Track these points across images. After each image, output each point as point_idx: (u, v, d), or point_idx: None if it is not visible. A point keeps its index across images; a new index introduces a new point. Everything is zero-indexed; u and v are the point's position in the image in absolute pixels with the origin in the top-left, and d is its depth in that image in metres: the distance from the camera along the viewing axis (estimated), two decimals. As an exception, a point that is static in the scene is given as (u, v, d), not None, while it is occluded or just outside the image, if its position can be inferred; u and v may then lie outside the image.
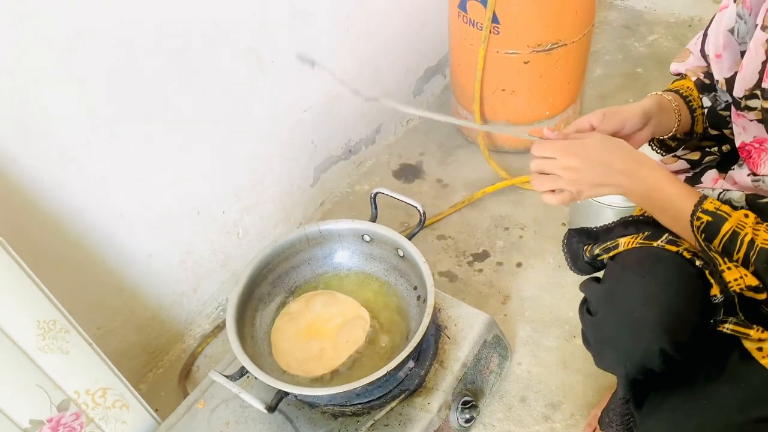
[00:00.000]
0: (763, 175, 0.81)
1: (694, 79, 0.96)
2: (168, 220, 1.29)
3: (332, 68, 1.55)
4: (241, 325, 1.15)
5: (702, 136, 0.99)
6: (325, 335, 1.19)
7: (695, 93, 0.95)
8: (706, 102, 0.95)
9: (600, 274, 0.93)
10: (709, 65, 0.92)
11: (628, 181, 0.78)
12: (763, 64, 0.76)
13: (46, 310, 0.98)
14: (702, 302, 0.78)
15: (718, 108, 0.94)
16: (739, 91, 0.81)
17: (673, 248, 0.80)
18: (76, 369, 1.05)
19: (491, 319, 1.25)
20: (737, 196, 0.83)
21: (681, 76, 0.99)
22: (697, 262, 0.78)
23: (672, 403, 0.81)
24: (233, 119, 1.34)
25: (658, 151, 1.01)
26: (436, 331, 1.23)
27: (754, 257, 0.73)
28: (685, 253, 0.79)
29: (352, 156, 1.81)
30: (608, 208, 1.37)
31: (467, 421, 1.15)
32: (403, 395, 1.14)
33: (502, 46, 1.59)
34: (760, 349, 0.76)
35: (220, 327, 1.48)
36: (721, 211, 0.75)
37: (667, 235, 0.82)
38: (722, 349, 0.81)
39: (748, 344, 0.78)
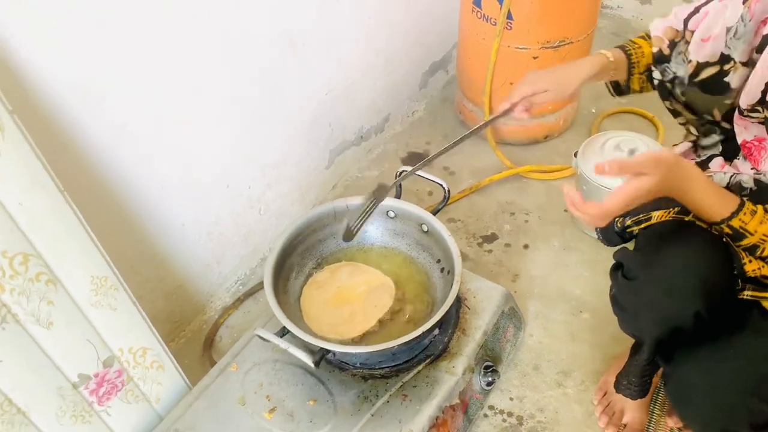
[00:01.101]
0: (764, 172, 0.89)
1: (655, 50, 1.03)
2: (202, 191, 1.33)
3: (353, 61, 1.63)
4: (276, 292, 1.20)
5: (640, 92, 1.11)
6: (353, 301, 1.25)
7: (644, 60, 1.04)
8: (657, 74, 1.04)
9: (629, 245, 1.02)
10: (681, 33, 0.99)
11: (675, 194, 0.85)
12: (767, 85, 0.84)
13: (100, 267, 1.01)
14: (729, 270, 0.88)
15: (666, 79, 1.02)
16: (743, 104, 0.89)
17: (703, 224, 0.90)
18: (122, 327, 1.08)
19: (507, 291, 1.33)
20: (746, 178, 0.92)
21: (646, 36, 1.06)
22: (724, 238, 0.88)
23: (701, 354, 0.90)
24: (265, 98, 1.39)
25: (611, 91, 1.13)
26: (457, 302, 1.30)
27: None
28: (713, 229, 0.89)
29: (363, 142, 1.87)
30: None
31: (489, 384, 1.23)
32: (429, 359, 1.21)
33: (514, 41, 1.68)
34: None
35: (241, 300, 1.53)
36: (744, 230, 0.82)
37: None
38: (741, 309, 0.91)
39: (766, 304, 0.88)
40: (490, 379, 1.22)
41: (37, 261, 0.92)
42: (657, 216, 0.93)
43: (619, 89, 1.12)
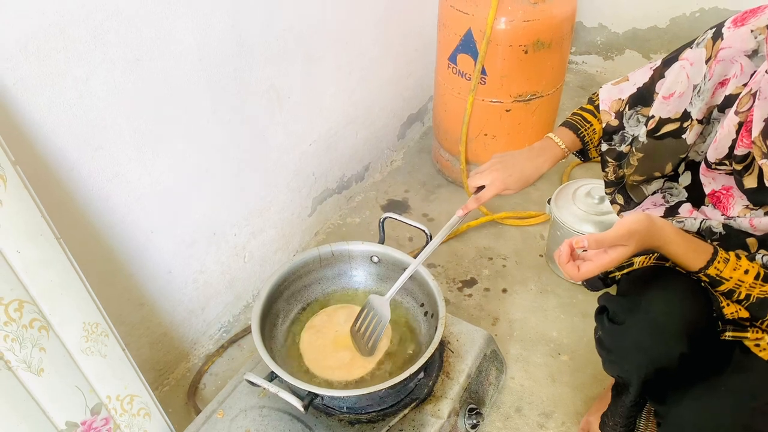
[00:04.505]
0: (734, 217, 0.95)
1: (604, 124, 1.11)
2: (189, 238, 1.36)
3: (335, 113, 1.70)
4: (263, 338, 1.22)
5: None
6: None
7: (596, 137, 1.13)
8: (604, 147, 1.13)
9: (611, 289, 1.07)
10: (626, 102, 1.08)
11: (653, 249, 0.92)
12: (734, 141, 0.91)
13: (91, 313, 1.03)
14: (709, 312, 0.93)
15: (624, 145, 1.10)
16: (711, 158, 0.95)
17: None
18: (111, 373, 1.08)
19: (489, 335, 1.37)
20: (716, 223, 0.97)
21: (595, 110, 1.14)
22: (702, 283, 0.93)
23: (694, 393, 0.93)
24: (252, 148, 1.44)
25: (577, 155, 1.20)
26: (440, 345, 1.33)
27: (746, 305, 0.89)
28: (692, 276, 0.94)
29: (344, 190, 1.93)
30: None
31: (473, 426, 1.25)
32: (414, 403, 1.22)
33: (488, 95, 1.77)
34: (757, 345, 0.91)
35: (224, 347, 1.53)
36: (720, 277, 0.88)
37: None
38: (724, 347, 0.95)
39: (746, 342, 0.92)
40: (474, 421, 1.24)
41: (32, 307, 0.93)
42: (638, 261, 0.98)
43: (583, 157, 1.21)
